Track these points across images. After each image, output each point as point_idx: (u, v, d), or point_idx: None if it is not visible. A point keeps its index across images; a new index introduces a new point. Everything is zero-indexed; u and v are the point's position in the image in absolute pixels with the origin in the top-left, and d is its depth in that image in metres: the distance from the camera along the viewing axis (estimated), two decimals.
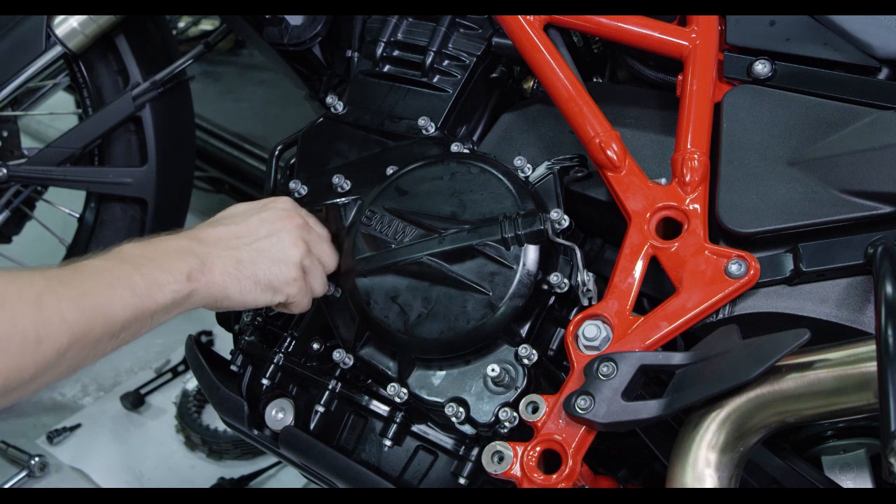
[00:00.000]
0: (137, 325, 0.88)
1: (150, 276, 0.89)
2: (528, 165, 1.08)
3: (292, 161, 1.33)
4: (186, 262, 0.92)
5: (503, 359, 1.00)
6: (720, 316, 0.94)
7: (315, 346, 1.14)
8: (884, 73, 0.99)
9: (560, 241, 1.00)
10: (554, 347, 1.04)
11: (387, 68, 1.30)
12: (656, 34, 1.08)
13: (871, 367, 0.76)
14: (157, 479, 1.89)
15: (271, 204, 1.06)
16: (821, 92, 0.99)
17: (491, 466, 0.92)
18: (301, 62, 1.54)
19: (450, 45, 1.26)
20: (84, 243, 1.82)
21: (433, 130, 1.20)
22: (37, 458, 1.88)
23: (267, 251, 0.99)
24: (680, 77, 1.06)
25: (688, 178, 0.97)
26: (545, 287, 1.00)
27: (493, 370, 0.97)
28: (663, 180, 1.00)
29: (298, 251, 1.02)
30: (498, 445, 0.93)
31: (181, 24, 2.94)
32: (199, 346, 1.28)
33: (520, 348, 0.98)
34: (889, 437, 0.70)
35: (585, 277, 0.98)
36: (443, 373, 1.02)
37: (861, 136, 0.93)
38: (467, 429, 1.01)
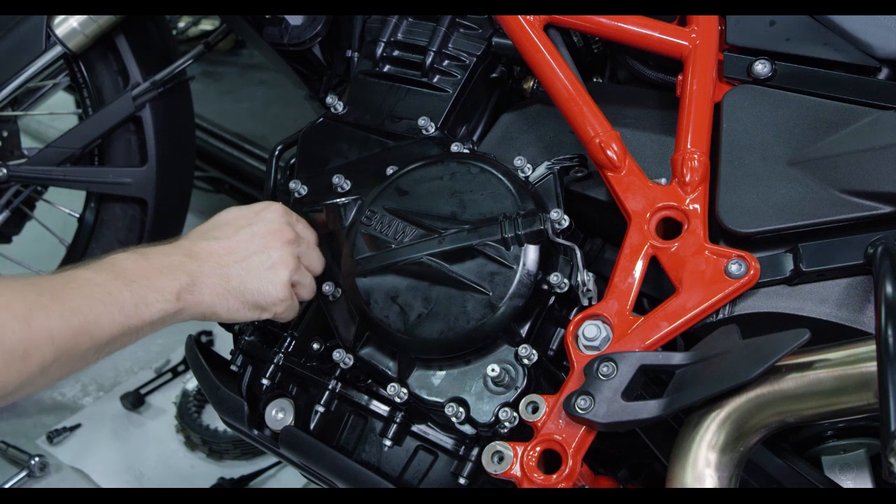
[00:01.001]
0: (123, 340, 0.90)
1: (140, 294, 0.90)
2: (528, 165, 1.08)
3: (292, 161, 1.33)
4: (177, 281, 0.94)
5: (503, 359, 1.00)
6: (720, 316, 0.94)
7: (315, 346, 1.14)
8: (884, 73, 0.99)
9: (560, 241, 1.00)
10: (554, 347, 1.04)
11: (387, 68, 1.30)
12: (656, 34, 1.08)
13: (871, 367, 0.76)
14: (157, 479, 1.89)
15: (263, 213, 1.06)
16: (821, 92, 0.99)
17: (491, 466, 0.92)
18: (301, 62, 1.54)
19: (450, 45, 1.26)
20: (84, 243, 1.82)
21: (433, 130, 1.20)
22: (37, 458, 1.88)
23: (256, 269, 1.01)
24: (680, 77, 1.07)
25: (688, 178, 0.97)
26: (545, 287, 1.00)
27: (493, 370, 0.97)
28: (663, 180, 1.00)
29: (287, 270, 1.03)
30: (498, 445, 0.93)
31: (181, 24, 2.94)
32: (199, 346, 1.28)
33: (520, 348, 0.98)
34: (889, 437, 0.70)
35: (585, 277, 0.98)
36: (443, 373, 1.02)
37: (861, 136, 0.93)
38: (467, 429, 1.01)
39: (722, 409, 0.82)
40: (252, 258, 1.01)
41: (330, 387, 1.11)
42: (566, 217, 1.02)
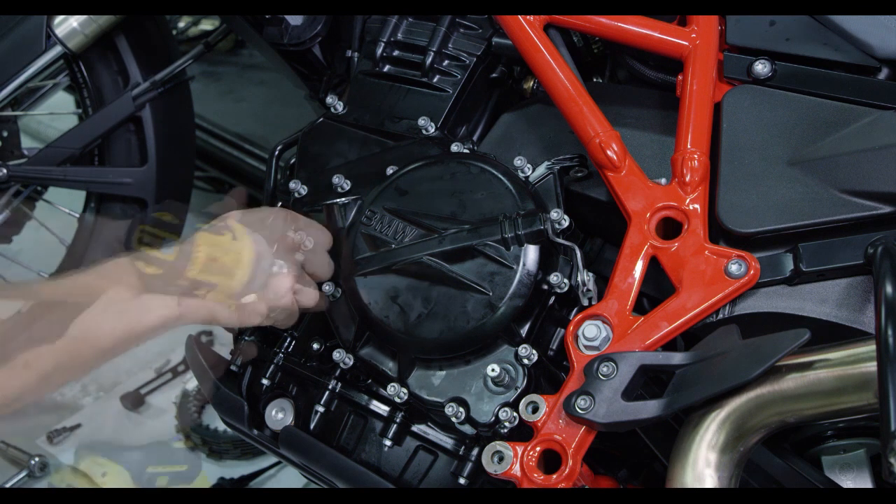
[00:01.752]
0: (124, 347, 0.90)
1: (142, 301, 0.90)
2: (528, 165, 1.08)
3: (292, 161, 1.33)
4: (178, 287, 0.94)
5: (503, 359, 1.00)
6: (720, 316, 0.94)
7: (315, 346, 1.14)
8: (884, 73, 0.99)
9: (560, 241, 1.00)
10: (554, 347, 1.04)
11: (387, 68, 1.30)
12: (656, 34, 1.08)
13: (871, 367, 0.76)
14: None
15: (266, 220, 1.06)
16: (821, 92, 0.99)
17: (491, 466, 0.92)
18: (301, 62, 1.54)
19: (450, 45, 1.26)
20: (84, 243, 1.82)
21: (433, 130, 1.20)
22: (37, 458, 1.88)
23: (258, 276, 1.00)
24: (680, 77, 1.06)
25: (688, 178, 0.97)
26: (545, 287, 1.00)
27: (493, 370, 0.97)
28: (663, 180, 1.00)
29: (289, 279, 1.02)
30: (498, 445, 0.93)
31: (181, 24, 2.94)
32: (199, 346, 1.28)
33: (520, 348, 0.98)
34: (889, 437, 0.70)
35: (585, 277, 0.98)
36: (443, 373, 1.02)
37: (861, 136, 0.93)
38: (467, 429, 1.01)
39: (722, 409, 0.82)
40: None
41: (330, 387, 1.11)
42: (566, 217, 1.02)
